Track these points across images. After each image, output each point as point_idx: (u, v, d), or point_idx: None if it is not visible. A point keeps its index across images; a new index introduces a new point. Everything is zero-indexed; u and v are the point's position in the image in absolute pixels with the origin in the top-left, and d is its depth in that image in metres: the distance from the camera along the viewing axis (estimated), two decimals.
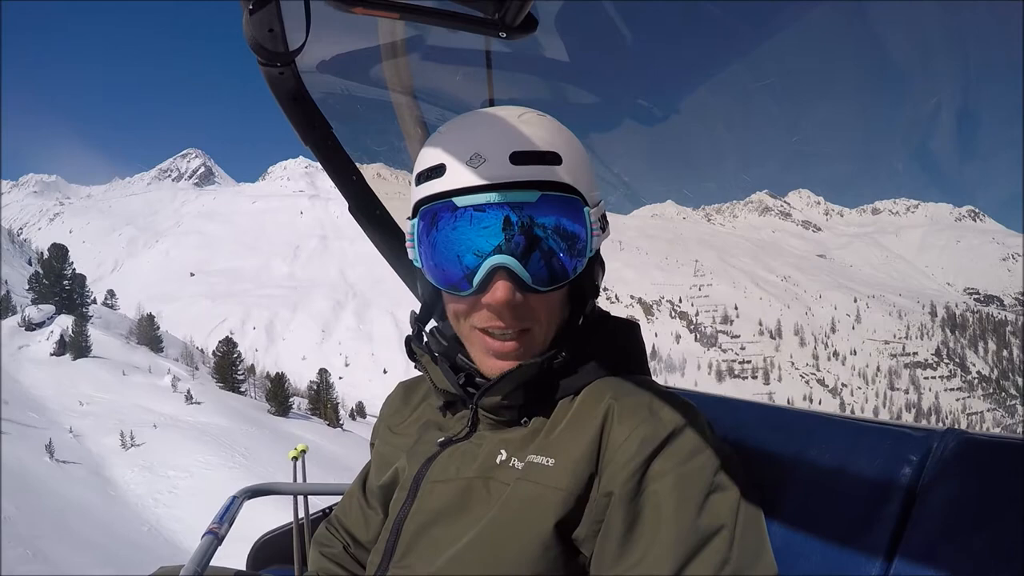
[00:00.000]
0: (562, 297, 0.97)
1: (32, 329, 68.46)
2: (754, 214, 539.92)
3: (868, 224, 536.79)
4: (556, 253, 0.91)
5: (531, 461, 0.91)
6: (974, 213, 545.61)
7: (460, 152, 0.90)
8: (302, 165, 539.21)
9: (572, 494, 0.87)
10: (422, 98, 1.65)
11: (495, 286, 0.89)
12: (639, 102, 1.90)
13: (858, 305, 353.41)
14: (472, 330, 0.97)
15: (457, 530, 0.91)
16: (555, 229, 0.90)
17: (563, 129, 0.98)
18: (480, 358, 0.98)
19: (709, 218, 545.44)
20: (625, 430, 0.88)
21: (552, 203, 0.89)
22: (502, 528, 0.88)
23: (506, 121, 0.92)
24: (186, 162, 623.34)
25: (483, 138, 0.90)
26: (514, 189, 0.87)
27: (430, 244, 0.94)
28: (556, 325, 0.97)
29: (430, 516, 0.96)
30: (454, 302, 0.98)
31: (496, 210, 0.88)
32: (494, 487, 0.93)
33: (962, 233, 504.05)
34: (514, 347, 0.95)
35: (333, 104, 1.52)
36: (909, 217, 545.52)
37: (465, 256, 0.90)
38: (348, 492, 1.26)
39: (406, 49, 1.53)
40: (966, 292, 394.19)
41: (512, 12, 0.99)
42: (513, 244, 0.88)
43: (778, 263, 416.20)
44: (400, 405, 1.22)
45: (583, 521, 0.87)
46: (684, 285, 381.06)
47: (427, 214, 0.93)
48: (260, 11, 1.03)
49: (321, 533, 1.26)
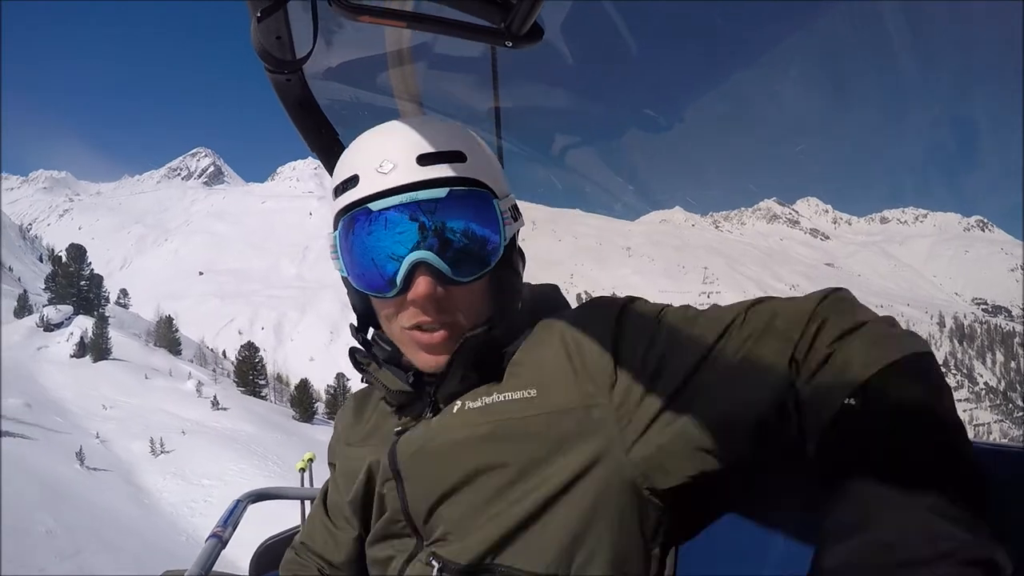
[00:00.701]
0: (485, 287, 0.99)
1: (51, 330, 68.65)
2: (762, 221, 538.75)
3: (876, 233, 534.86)
4: (471, 244, 0.94)
5: (510, 397, 0.95)
6: (983, 223, 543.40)
7: (370, 161, 0.94)
8: (311, 166, 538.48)
9: (571, 408, 0.91)
10: (428, 106, 1.66)
11: (417, 282, 0.92)
12: (645, 111, 1.93)
13: None
14: (403, 331, 0.99)
15: (476, 488, 0.94)
16: (468, 221, 0.93)
17: (466, 130, 1.02)
18: (414, 355, 1.00)
19: (717, 225, 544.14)
20: (591, 338, 0.94)
21: (461, 197, 0.93)
22: (526, 463, 0.91)
23: (410, 128, 0.97)
24: (196, 161, 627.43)
25: (390, 146, 0.95)
26: (423, 188, 0.91)
27: (351, 252, 0.97)
28: (482, 315, 1.00)
29: (432, 484, 0.97)
30: (383, 306, 1.00)
31: (409, 210, 0.91)
32: (469, 430, 0.95)
33: (970, 243, 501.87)
34: (443, 338, 0.97)
35: (340, 111, 1.52)
36: (917, 226, 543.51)
37: (385, 258, 0.93)
38: (310, 516, 1.27)
39: (412, 57, 1.54)
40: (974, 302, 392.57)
41: (518, 21, 1.01)
42: (429, 241, 0.92)
43: (786, 271, 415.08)
44: (353, 420, 1.21)
45: (599, 419, 0.90)
46: (692, 292, 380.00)
47: (345, 223, 0.96)
48: (268, 19, 1.04)
49: (290, 559, 1.25)
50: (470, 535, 0.93)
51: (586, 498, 0.89)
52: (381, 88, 1.63)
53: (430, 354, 0.99)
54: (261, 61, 1.20)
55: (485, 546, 0.91)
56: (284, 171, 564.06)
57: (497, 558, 0.91)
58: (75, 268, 79.03)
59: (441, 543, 0.96)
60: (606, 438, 0.89)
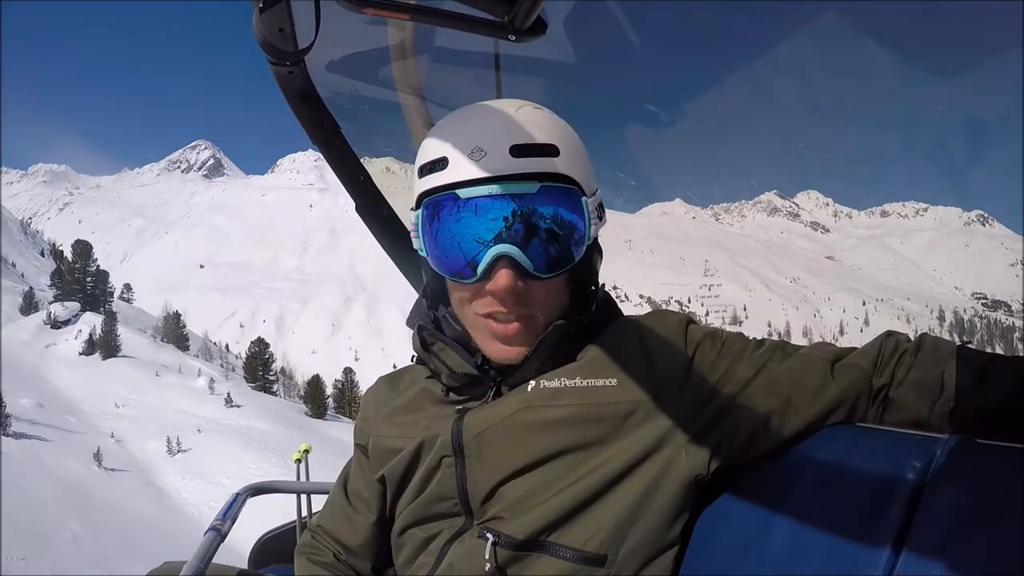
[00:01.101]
0: (562, 283, 1.01)
1: (58, 327, 67.83)
2: (762, 214, 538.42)
3: (877, 226, 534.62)
4: (556, 241, 0.94)
5: (592, 384, 0.99)
6: (983, 217, 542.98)
7: (462, 145, 0.93)
8: (312, 158, 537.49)
9: (648, 402, 0.97)
10: (431, 99, 1.64)
11: (498, 274, 0.93)
12: (646, 105, 1.95)
13: (866, 308, 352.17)
14: (476, 316, 1.00)
15: (548, 468, 0.97)
16: (554, 219, 0.94)
17: (560, 121, 1.01)
18: (485, 342, 1.01)
19: (718, 217, 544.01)
20: (666, 339, 1.02)
21: (551, 194, 0.93)
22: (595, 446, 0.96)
23: (505, 114, 0.96)
24: (195, 153, 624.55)
25: (484, 132, 0.94)
26: (515, 181, 0.91)
27: (434, 234, 0.97)
28: (557, 310, 1.01)
29: (501, 463, 0.99)
30: (458, 290, 1.01)
31: (498, 201, 0.91)
32: (548, 411, 0.98)
33: (971, 237, 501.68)
34: (516, 330, 0.98)
35: (342, 104, 1.52)
36: (918, 220, 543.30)
37: (469, 245, 0.94)
38: (328, 501, 1.28)
39: (415, 50, 1.53)
40: (974, 297, 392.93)
41: (522, 15, 1.00)
42: (514, 233, 0.92)
43: (788, 264, 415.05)
44: (389, 395, 1.20)
45: (674, 418, 0.96)
46: (694, 285, 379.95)
47: (431, 205, 0.97)
48: (270, 10, 1.04)
49: (306, 541, 1.25)
50: (529, 512, 0.95)
51: (643, 482, 0.94)
52: (383, 81, 1.62)
53: (503, 344, 1.00)
54: (263, 52, 1.19)
55: (543, 523, 0.94)
56: (284, 163, 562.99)
57: (552, 536, 0.94)
58: (81, 264, 78.35)
59: (496, 520, 0.97)
60: (671, 428, 0.96)
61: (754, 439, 0.95)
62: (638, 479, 0.95)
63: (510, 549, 0.95)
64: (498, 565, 0.95)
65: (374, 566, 1.20)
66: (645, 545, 0.95)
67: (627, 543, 0.94)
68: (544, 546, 0.94)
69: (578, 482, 0.95)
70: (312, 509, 1.80)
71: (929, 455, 0.80)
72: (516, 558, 0.95)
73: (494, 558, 0.95)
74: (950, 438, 0.81)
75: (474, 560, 0.96)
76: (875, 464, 0.84)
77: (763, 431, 0.95)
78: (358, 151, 1.59)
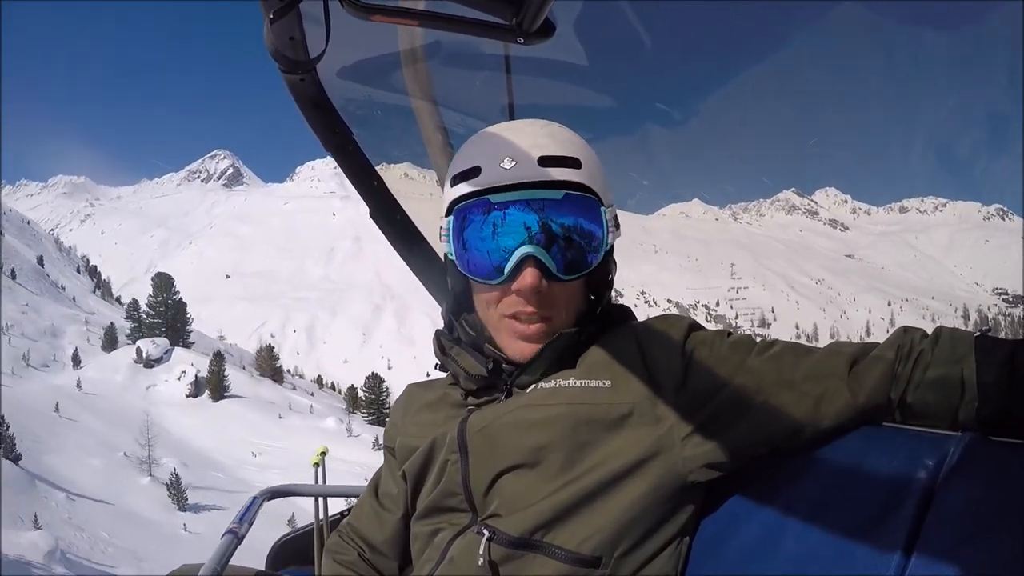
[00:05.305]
0: (580, 290, 1.05)
1: (151, 366, 67.74)
2: (781, 213, 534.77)
3: (895, 223, 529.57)
4: (577, 246, 0.99)
5: (586, 384, 1.01)
6: (1003, 212, 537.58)
7: (494, 155, 0.99)
8: (331, 165, 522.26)
9: (641, 403, 0.98)
10: (442, 103, 1.69)
11: (524, 273, 0.97)
12: (658, 105, 2.01)
13: (892, 308, 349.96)
14: (501, 318, 1.04)
15: (540, 464, 0.99)
16: (576, 225, 0.99)
17: (581, 139, 1.08)
18: (507, 342, 1.05)
19: (736, 217, 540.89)
20: (664, 343, 1.03)
21: (574, 202, 0.98)
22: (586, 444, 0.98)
23: (533, 130, 1.03)
24: (215, 163, 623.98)
25: (514, 144, 0.99)
26: (542, 188, 0.97)
27: (464, 238, 1.01)
28: (573, 315, 1.06)
29: (496, 457, 1.02)
30: (485, 291, 1.05)
31: (526, 206, 0.96)
32: (543, 410, 1.01)
33: (991, 232, 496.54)
34: (538, 330, 1.02)
35: (354, 110, 1.55)
36: (937, 216, 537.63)
37: (497, 248, 0.98)
38: (359, 500, 1.33)
39: (425, 55, 1.57)
40: (995, 292, 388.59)
41: (530, 17, 1.02)
42: (540, 236, 0.97)
43: (811, 265, 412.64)
44: (416, 400, 1.25)
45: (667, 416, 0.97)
46: (721, 288, 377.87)
47: (462, 211, 1.01)
48: (281, 20, 1.05)
49: (334, 541, 1.30)
50: (525, 509, 0.97)
51: (639, 486, 0.95)
52: (394, 87, 1.66)
53: (525, 342, 1.03)
54: (275, 62, 1.21)
55: (537, 522, 0.96)
56: (303, 171, 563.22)
57: (547, 535, 0.96)
58: (163, 298, 77.88)
59: (495, 517, 1.00)
60: (666, 432, 0.96)
61: (756, 441, 0.95)
62: (633, 483, 0.95)
63: (505, 546, 0.97)
64: (492, 561, 0.96)
65: (399, 563, 1.22)
66: (641, 549, 0.96)
67: (622, 547, 0.95)
68: (539, 546, 0.96)
69: (571, 483, 0.96)
70: (329, 512, 1.83)
71: (942, 453, 0.79)
72: (511, 556, 0.96)
73: (488, 553, 0.97)
74: (963, 435, 0.80)
75: (470, 555, 0.98)
76: (887, 463, 0.84)
77: (768, 433, 0.94)
78: (371, 157, 1.62)
